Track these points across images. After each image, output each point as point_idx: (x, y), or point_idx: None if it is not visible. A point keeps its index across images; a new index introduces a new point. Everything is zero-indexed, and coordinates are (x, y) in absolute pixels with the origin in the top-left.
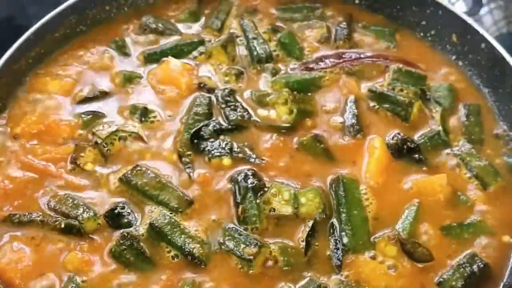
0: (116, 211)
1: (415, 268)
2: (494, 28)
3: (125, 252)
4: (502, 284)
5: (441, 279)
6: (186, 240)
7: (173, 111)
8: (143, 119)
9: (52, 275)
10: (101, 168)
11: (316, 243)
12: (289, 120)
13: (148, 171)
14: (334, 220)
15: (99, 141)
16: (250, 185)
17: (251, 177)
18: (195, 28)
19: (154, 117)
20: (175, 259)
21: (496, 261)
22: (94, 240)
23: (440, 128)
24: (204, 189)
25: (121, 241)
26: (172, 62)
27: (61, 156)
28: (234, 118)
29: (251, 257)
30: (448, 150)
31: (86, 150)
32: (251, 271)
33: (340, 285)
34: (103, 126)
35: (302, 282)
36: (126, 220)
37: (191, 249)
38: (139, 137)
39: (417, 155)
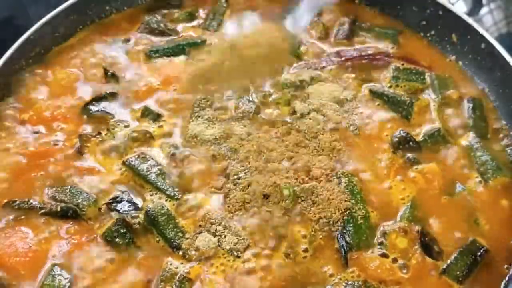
0: (117, 198)
1: (422, 260)
2: (494, 28)
3: (116, 236)
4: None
5: (445, 268)
6: (177, 234)
7: (177, 109)
8: (155, 122)
9: (46, 260)
10: (105, 158)
11: (320, 237)
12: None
13: (151, 159)
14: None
15: (109, 136)
16: (242, 179)
17: (244, 172)
18: (195, 27)
19: (164, 120)
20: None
21: (495, 245)
22: (90, 225)
23: (440, 125)
24: (204, 182)
25: (116, 226)
26: (175, 61)
27: (66, 145)
28: (240, 115)
29: (239, 253)
30: (450, 145)
31: (90, 141)
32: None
33: (346, 284)
34: (117, 125)
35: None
36: (126, 208)
37: (180, 243)
38: (151, 136)
39: (415, 155)
